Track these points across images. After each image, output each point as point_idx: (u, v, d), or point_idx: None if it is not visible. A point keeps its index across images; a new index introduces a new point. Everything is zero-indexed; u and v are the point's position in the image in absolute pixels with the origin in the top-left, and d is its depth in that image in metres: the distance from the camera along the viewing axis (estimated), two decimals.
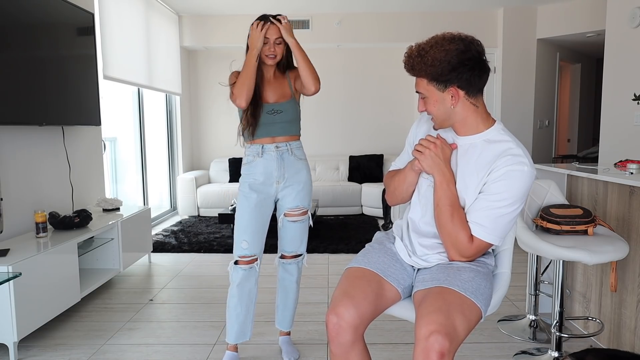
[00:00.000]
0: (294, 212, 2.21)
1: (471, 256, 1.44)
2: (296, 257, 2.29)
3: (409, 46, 1.45)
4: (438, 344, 1.19)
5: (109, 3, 4.12)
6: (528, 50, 5.89)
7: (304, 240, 2.28)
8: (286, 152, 2.17)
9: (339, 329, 1.36)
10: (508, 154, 1.39)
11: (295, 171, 2.19)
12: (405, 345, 2.41)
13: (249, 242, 2.12)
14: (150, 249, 3.91)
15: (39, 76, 2.89)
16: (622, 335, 2.22)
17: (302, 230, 2.26)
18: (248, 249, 2.13)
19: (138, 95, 5.18)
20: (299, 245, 2.27)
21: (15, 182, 2.91)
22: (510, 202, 1.38)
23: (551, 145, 6.37)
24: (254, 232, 2.14)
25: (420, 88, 1.44)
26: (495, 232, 1.41)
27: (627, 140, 4.06)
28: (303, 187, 2.22)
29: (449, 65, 1.35)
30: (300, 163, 2.21)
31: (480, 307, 1.34)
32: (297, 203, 2.20)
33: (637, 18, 3.92)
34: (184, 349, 2.41)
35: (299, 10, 5.83)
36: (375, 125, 6.60)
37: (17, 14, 2.69)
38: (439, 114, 1.44)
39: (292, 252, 2.27)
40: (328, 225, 5.28)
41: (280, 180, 2.17)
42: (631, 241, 2.14)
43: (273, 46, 2.08)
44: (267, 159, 2.15)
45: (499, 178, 1.38)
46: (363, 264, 1.52)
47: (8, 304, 2.23)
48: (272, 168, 2.15)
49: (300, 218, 2.22)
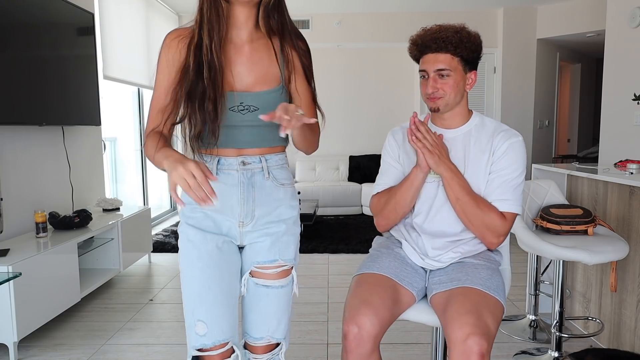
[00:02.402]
0: (268, 269, 1.27)
1: (506, 233, 1.47)
2: (270, 351, 1.31)
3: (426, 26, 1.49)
4: (477, 346, 1.17)
5: (109, 3, 4.12)
6: (528, 50, 5.89)
7: (282, 319, 1.30)
8: (259, 172, 1.25)
9: (360, 340, 1.28)
10: (500, 131, 1.49)
11: (273, 205, 1.27)
12: (405, 345, 2.41)
13: (207, 323, 1.20)
14: (150, 249, 3.91)
15: (39, 76, 2.89)
16: (622, 335, 2.22)
17: (281, 303, 1.29)
18: (208, 336, 1.20)
19: (138, 95, 5.18)
20: (274, 327, 1.29)
21: (15, 182, 2.91)
22: (520, 171, 1.46)
23: (551, 145, 6.37)
24: (215, 304, 1.21)
25: (445, 64, 1.43)
26: (517, 201, 1.46)
27: (627, 140, 4.06)
28: (286, 230, 1.29)
29: (481, 50, 1.47)
30: (281, 192, 1.28)
31: (503, 304, 1.35)
32: (274, 256, 1.27)
33: (637, 18, 3.92)
34: (184, 349, 2.41)
35: (299, 10, 5.83)
36: (376, 125, 6.60)
37: (17, 14, 2.69)
38: (454, 95, 1.47)
39: (263, 339, 1.29)
40: (328, 225, 5.28)
41: (247, 220, 1.26)
42: (631, 241, 2.14)
43: None
44: (225, 181, 1.23)
45: (504, 153, 1.46)
46: (375, 270, 1.46)
47: (8, 304, 2.23)
48: (233, 200, 1.24)
49: (278, 282, 1.28)
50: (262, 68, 1.22)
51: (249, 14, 1.20)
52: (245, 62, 1.21)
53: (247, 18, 1.20)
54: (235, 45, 1.21)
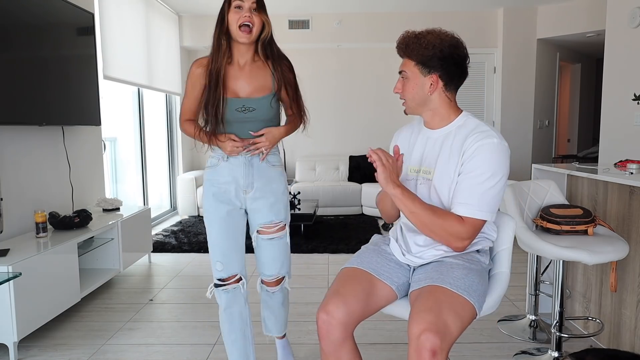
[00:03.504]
0: (269, 228, 1.88)
1: (470, 237, 1.43)
2: (279, 283, 1.97)
3: (406, 30, 1.52)
4: (429, 342, 1.20)
5: (109, 3, 4.12)
6: (528, 51, 5.89)
7: (285, 260, 1.95)
8: (256, 156, 1.85)
9: (329, 326, 1.39)
10: (475, 132, 1.45)
11: (267, 180, 1.87)
12: (405, 345, 2.41)
13: (223, 262, 1.85)
14: (150, 249, 3.91)
15: (39, 76, 2.89)
16: (622, 335, 2.22)
17: (282, 249, 1.92)
18: (224, 271, 1.85)
19: (138, 95, 5.18)
20: (279, 267, 1.93)
21: (15, 182, 2.91)
22: (489, 175, 1.40)
23: (551, 145, 6.37)
24: (228, 250, 1.85)
25: (405, 67, 1.51)
26: (483, 207, 1.41)
27: (627, 140, 4.06)
28: (277, 199, 1.88)
29: (440, 53, 1.45)
30: (273, 171, 1.89)
31: (473, 304, 1.35)
32: (271, 218, 1.88)
33: (637, 18, 3.92)
34: (184, 349, 2.41)
35: (299, 10, 5.83)
36: (376, 125, 6.60)
37: (17, 14, 2.69)
38: (414, 98, 1.51)
39: (273, 276, 1.94)
40: (328, 225, 5.28)
41: (248, 189, 1.85)
42: (631, 241, 2.14)
43: (249, 11, 1.70)
44: (233, 163, 1.84)
45: (472, 155, 1.42)
46: (356, 264, 1.56)
47: (8, 304, 2.23)
48: (238, 174, 1.84)
49: (276, 235, 1.89)
50: (258, 81, 1.80)
51: (249, 46, 1.79)
52: (246, 77, 1.79)
53: (247, 49, 1.79)
54: (240, 66, 1.80)
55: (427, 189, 1.53)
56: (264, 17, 1.75)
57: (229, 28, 1.73)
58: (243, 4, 1.70)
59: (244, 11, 1.69)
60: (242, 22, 1.69)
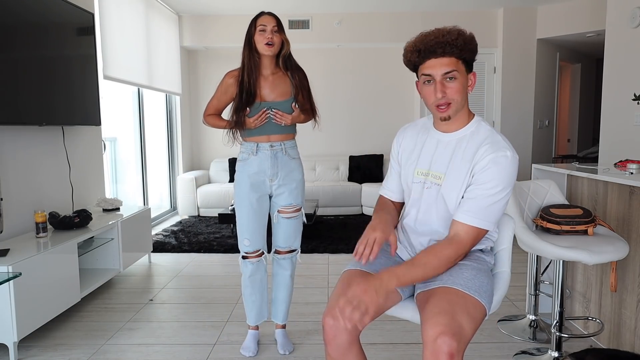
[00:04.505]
0: (288, 209, 2.30)
1: (470, 245, 1.42)
2: (290, 253, 2.37)
3: (425, 31, 1.44)
4: (446, 346, 1.18)
5: (109, 3, 4.12)
6: (528, 50, 5.89)
7: (297, 236, 2.37)
8: (280, 151, 2.24)
9: (336, 331, 1.35)
10: (487, 142, 1.42)
11: (288, 170, 2.27)
12: (405, 345, 2.41)
13: (250, 240, 2.27)
14: (150, 249, 3.91)
15: (39, 76, 2.89)
16: (622, 335, 2.22)
17: (296, 226, 2.34)
18: (250, 246, 2.28)
19: (138, 95, 5.18)
20: (293, 240, 2.35)
21: (15, 182, 2.91)
22: (500, 189, 1.39)
23: (551, 145, 6.37)
24: (255, 230, 2.27)
25: (455, 66, 1.40)
26: (489, 218, 1.41)
27: (627, 140, 4.06)
28: (296, 185, 2.30)
29: (476, 49, 1.43)
30: (293, 162, 2.29)
31: (484, 305, 1.34)
32: (291, 201, 2.29)
33: (637, 18, 3.92)
34: (184, 349, 2.41)
35: (299, 10, 5.83)
36: (376, 125, 6.60)
37: (17, 14, 2.69)
38: (463, 99, 1.45)
39: (286, 247, 2.35)
40: (328, 225, 5.28)
41: (274, 178, 2.25)
42: (631, 241, 2.14)
43: (270, 33, 2.11)
44: (261, 157, 2.22)
45: (485, 167, 1.39)
46: (358, 266, 1.52)
47: (8, 304, 2.23)
48: (266, 166, 2.23)
49: (294, 215, 2.31)
50: (280, 88, 2.21)
51: (272, 59, 2.20)
52: (269, 86, 2.20)
53: (270, 61, 2.20)
54: (265, 76, 2.21)
55: (434, 194, 1.50)
56: (284, 36, 2.16)
57: (256, 47, 2.14)
58: (266, 27, 2.11)
59: (267, 33, 2.10)
60: (266, 42, 2.10)
